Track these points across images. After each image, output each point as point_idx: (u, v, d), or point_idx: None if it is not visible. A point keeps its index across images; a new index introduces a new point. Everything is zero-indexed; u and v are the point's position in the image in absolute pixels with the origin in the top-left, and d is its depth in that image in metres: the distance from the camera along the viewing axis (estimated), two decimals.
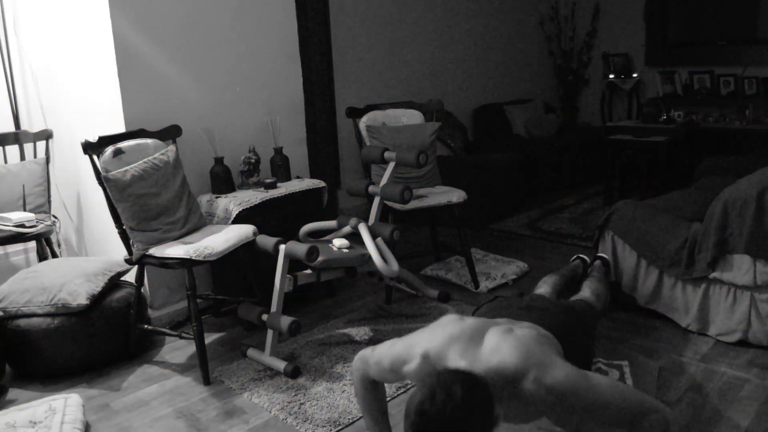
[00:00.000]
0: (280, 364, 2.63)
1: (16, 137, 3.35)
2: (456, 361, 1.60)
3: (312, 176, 3.86)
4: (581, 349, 2.04)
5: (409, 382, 2.49)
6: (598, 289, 2.73)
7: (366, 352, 1.83)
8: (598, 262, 3.08)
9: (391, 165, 3.07)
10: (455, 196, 3.37)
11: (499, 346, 1.61)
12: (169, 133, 2.97)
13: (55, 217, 3.40)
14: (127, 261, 2.76)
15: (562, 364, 1.59)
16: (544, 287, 2.74)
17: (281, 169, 3.39)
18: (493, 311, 2.08)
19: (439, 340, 1.67)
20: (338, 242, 2.87)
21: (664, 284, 2.94)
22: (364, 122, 3.55)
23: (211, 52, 3.25)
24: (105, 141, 2.68)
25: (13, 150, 3.39)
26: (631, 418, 1.56)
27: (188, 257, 2.51)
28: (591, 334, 2.28)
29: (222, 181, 3.17)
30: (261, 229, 2.88)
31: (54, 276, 2.75)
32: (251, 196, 3.11)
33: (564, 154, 5.75)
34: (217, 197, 3.13)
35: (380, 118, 3.59)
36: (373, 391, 1.90)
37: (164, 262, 2.60)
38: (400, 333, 2.86)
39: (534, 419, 1.75)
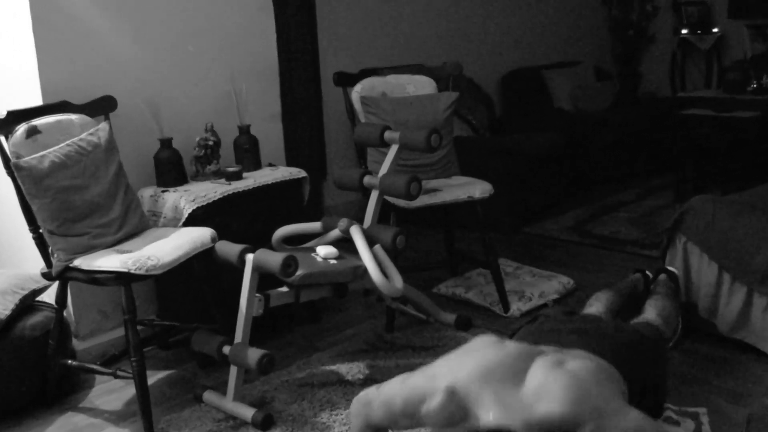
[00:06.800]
0: (247, 412, 2.63)
1: None
2: (488, 405, 1.60)
3: (289, 164, 3.87)
4: (651, 387, 2.04)
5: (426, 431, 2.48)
6: (665, 310, 2.73)
7: (369, 393, 1.83)
8: (663, 276, 3.08)
9: (394, 149, 3.07)
10: (478, 189, 3.37)
11: (547, 386, 1.60)
12: (101, 107, 2.97)
13: None
14: (44, 275, 2.76)
15: (628, 412, 1.58)
16: (596, 305, 2.75)
17: (248, 154, 3.39)
18: (535, 335, 2.07)
19: (469, 371, 1.66)
20: (324, 251, 2.87)
21: (754, 306, 2.94)
22: (357, 92, 3.55)
23: (156, 1, 3.25)
24: (15, 117, 2.67)
25: None
26: None
27: (126, 270, 2.51)
28: (663, 368, 2.29)
29: (170, 170, 3.17)
30: (222, 234, 2.88)
31: None
32: (209, 190, 3.11)
33: (621, 135, 5.76)
34: (163, 191, 3.13)
35: (379, 87, 3.58)
36: None
37: (94, 277, 2.60)
38: (406, 370, 2.85)
39: None
